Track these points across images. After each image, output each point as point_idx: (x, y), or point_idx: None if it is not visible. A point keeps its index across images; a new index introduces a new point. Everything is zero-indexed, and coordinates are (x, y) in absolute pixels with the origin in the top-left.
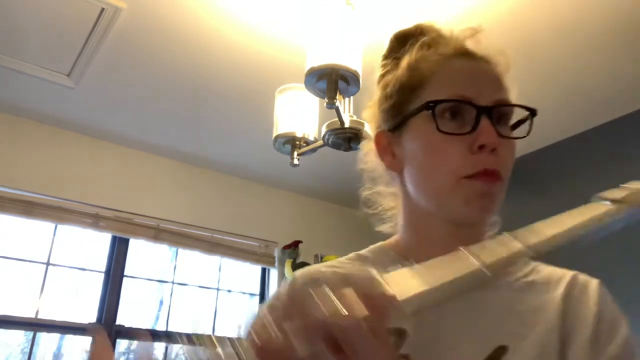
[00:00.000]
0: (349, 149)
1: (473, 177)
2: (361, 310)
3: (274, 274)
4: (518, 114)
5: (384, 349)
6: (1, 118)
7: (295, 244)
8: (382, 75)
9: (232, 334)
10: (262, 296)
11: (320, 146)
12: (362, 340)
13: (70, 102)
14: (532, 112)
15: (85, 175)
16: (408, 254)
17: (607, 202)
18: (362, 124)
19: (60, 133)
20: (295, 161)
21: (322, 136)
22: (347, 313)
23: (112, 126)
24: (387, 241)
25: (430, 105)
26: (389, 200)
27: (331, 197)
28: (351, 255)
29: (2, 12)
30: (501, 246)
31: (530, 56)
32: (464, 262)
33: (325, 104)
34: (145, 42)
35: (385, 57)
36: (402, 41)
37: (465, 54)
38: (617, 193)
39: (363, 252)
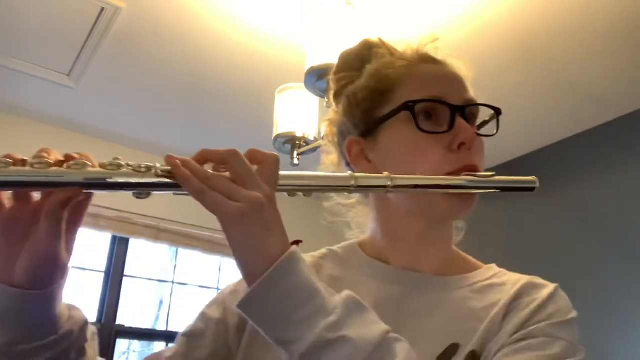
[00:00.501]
0: None
1: (454, 174)
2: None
3: None
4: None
5: (262, 179)
6: (1, 118)
7: (295, 244)
8: (343, 87)
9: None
10: None
11: (320, 146)
12: (235, 158)
13: (70, 102)
14: (497, 112)
15: None
16: (376, 254)
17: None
18: None
19: (61, 133)
20: (295, 161)
21: (322, 136)
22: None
23: (112, 126)
24: (357, 240)
25: (409, 105)
26: (356, 211)
27: None
28: (323, 250)
29: (2, 12)
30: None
31: (530, 56)
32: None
33: (325, 104)
34: (145, 42)
35: (338, 71)
36: (356, 55)
37: (429, 59)
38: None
39: (334, 247)
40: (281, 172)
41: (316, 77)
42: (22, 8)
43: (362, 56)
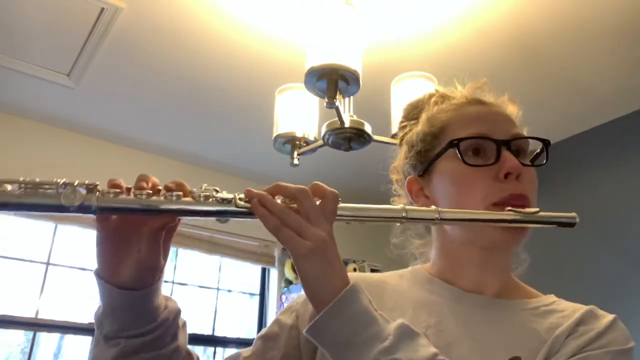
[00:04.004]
0: (348, 148)
1: (503, 202)
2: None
3: (274, 273)
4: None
5: (324, 215)
6: (1, 118)
7: None
8: (404, 135)
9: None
10: (262, 296)
11: (320, 146)
12: (304, 196)
13: (70, 102)
14: (546, 143)
15: (85, 176)
16: (440, 276)
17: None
18: (362, 124)
19: (61, 133)
20: (295, 161)
21: (322, 136)
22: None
23: (112, 126)
24: (423, 265)
25: (454, 143)
26: (419, 243)
27: None
28: (390, 272)
29: (2, 12)
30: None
31: (529, 56)
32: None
33: (325, 104)
34: (145, 42)
35: (402, 121)
36: (415, 105)
37: (476, 101)
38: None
39: (400, 271)
40: (341, 205)
41: (316, 77)
42: (22, 8)
43: (421, 106)
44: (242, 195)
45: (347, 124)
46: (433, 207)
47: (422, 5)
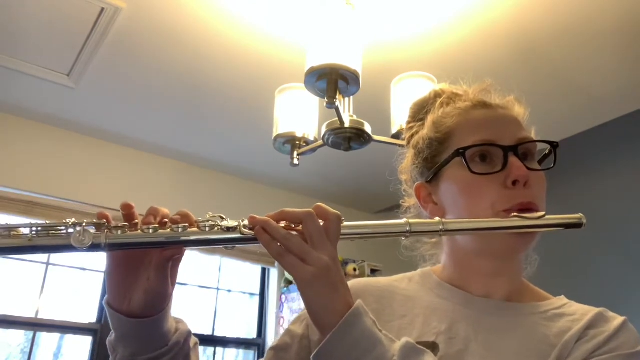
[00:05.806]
0: (348, 148)
1: (511, 210)
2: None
3: (274, 273)
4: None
5: (328, 238)
6: (1, 118)
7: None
8: (411, 136)
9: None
10: (262, 296)
11: (320, 146)
12: (309, 219)
13: (70, 102)
14: (554, 145)
15: (85, 175)
16: (449, 281)
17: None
18: (362, 124)
19: (60, 133)
20: (295, 161)
21: (322, 136)
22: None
23: (112, 126)
24: (432, 268)
25: (460, 152)
26: (429, 245)
27: (331, 197)
28: (399, 275)
29: (2, 12)
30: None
31: (529, 56)
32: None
33: (325, 104)
34: (145, 42)
35: (409, 121)
36: (422, 106)
37: (482, 104)
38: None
39: (409, 274)
40: (344, 224)
41: (316, 77)
42: (22, 8)
43: (427, 107)
44: (246, 222)
45: (347, 124)
46: (437, 218)
47: (422, 5)
